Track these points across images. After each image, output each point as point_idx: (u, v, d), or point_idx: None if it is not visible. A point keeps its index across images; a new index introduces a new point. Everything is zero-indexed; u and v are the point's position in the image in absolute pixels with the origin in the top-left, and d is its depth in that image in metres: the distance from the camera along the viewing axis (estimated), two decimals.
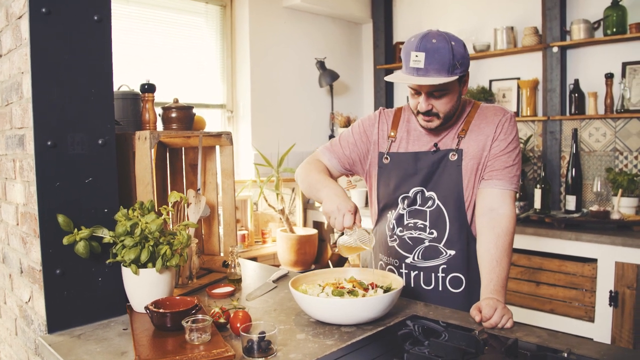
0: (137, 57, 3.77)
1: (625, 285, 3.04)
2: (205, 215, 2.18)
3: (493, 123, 1.81)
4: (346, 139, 1.99)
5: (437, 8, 4.67)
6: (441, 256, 1.85)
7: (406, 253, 1.90)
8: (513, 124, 1.82)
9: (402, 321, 1.62)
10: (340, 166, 1.99)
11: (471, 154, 1.80)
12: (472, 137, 1.82)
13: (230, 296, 1.91)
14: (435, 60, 1.65)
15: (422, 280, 1.89)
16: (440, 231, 1.84)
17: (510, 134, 1.80)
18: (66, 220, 1.58)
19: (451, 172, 1.81)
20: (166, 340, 1.46)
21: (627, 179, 3.44)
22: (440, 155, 1.83)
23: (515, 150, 1.81)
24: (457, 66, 1.67)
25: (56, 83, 1.59)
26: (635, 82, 3.62)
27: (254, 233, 4.21)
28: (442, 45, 1.66)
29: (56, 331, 1.60)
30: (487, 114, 1.84)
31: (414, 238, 1.88)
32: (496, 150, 1.79)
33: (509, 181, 1.78)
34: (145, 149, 1.86)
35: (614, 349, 1.41)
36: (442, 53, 1.65)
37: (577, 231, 3.25)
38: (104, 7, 1.69)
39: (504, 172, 1.78)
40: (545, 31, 3.91)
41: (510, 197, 1.79)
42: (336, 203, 1.68)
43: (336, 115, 4.86)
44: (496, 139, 1.79)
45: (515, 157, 1.80)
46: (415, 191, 1.86)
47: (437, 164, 1.83)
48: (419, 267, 1.89)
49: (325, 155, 2.00)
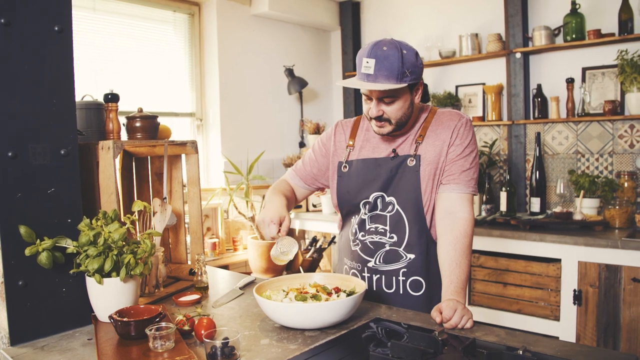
0: (105, 66, 3.74)
1: (588, 284, 3.12)
2: (171, 224, 2.19)
3: (449, 128, 1.85)
4: (308, 157, 2.11)
5: (404, 15, 4.75)
6: (401, 260, 1.88)
7: (368, 257, 1.93)
8: (469, 128, 1.86)
9: (365, 324, 1.65)
10: (304, 183, 2.11)
11: (428, 159, 1.84)
12: (429, 142, 1.86)
13: (196, 304, 1.92)
14: (384, 67, 1.69)
15: (384, 283, 1.92)
16: (400, 235, 1.88)
17: (466, 138, 1.85)
18: (28, 231, 1.57)
19: (409, 178, 1.85)
20: (130, 349, 1.47)
21: (588, 180, 3.53)
22: (399, 161, 1.87)
23: (471, 154, 1.85)
24: (407, 74, 1.71)
25: (16, 93, 1.58)
26: (594, 86, 3.72)
27: (225, 241, 4.21)
28: (392, 53, 1.70)
29: (19, 343, 1.59)
30: (442, 119, 1.88)
31: (375, 242, 1.91)
32: (453, 155, 1.83)
33: (466, 185, 1.83)
34: (108, 158, 1.86)
35: (568, 346, 1.45)
36: (391, 60, 1.69)
37: (541, 232, 3.33)
38: (65, 18, 1.69)
39: (461, 176, 1.83)
40: (508, 37, 4.00)
41: (468, 200, 1.83)
42: (264, 215, 1.81)
43: (306, 122, 4.90)
44: (452, 144, 1.84)
45: (472, 160, 1.85)
46: (375, 196, 1.90)
47: (395, 170, 1.87)
48: (381, 271, 1.92)
49: (290, 175, 2.15)
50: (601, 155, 3.70)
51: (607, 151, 3.67)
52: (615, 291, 3.03)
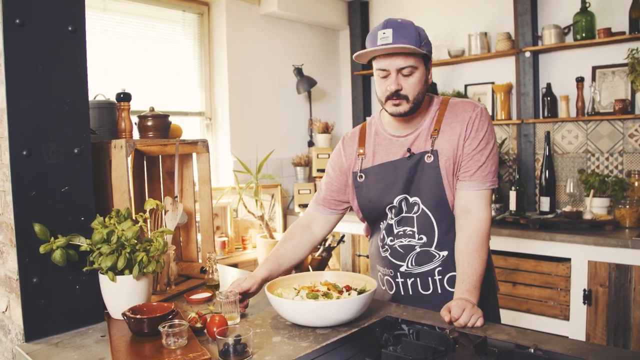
0: (115, 66, 3.77)
1: (598, 283, 3.11)
2: (182, 222, 2.20)
3: (463, 121, 1.80)
4: (324, 183, 2.04)
5: (412, 14, 4.74)
6: (434, 259, 1.84)
7: (399, 262, 1.89)
8: (484, 118, 1.81)
9: (376, 322, 1.65)
10: (328, 209, 2.03)
11: (446, 154, 1.80)
12: (445, 137, 1.81)
13: (207, 302, 1.93)
14: (401, 34, 1.69)
15: (420, 285, 1.88)
16: (429, 236, 1.84)
17: (481, 130, 1.80)
18: (42, 229, 1.59)
19: (430, 175, 1.81)
20: (143, 346, 1.48)
21: (598, 179, 3.52)
22: (416, 159, 1.82)
23: (487, 146, 1.80)
24: (424, 45, 1.73)
25: (31, 93, 1.60)
26: (604, 85, 3.71)
27: (234, 240, 4.22)
28: (407, 23, 1.72)
29: (33, 340, 1.61)
30: (457, 111, 1.83)
31: (405, 246, 1.87)
32: (468, 149, 1.79)
33: (482, 180, 1.79)
34: (121, 157, 1.88)
35: (579, 344, 1.45)
36: (408, 29, 1.70)
37: (551, 232, 3.32)
38: (78, 18, 1.71)
39: (477, 172, 1.79)
40: (517, 36, 3.99)
41: (484, 196, 1.80)
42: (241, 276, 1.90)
43: (314, 121, 4.90)
44: (467, 138, 1.79)
45: (488, 153, 1.80)
46: (399, 199, 1.85)
47: (414, 169, 1.82)
48: (414, 274, 1.88)
49: (311, 207, 2.08)
50: (611, 155, 3.68)
51: (617, 150, 3.65)
52: (626, 291, 3.02)
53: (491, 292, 1.99)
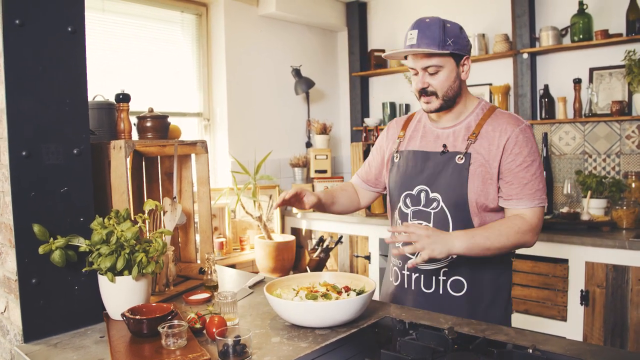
0: (113, 66, 3.77)
1: (595, 284, 3.12)
2: (181, 223, 2.21)
3: (505, 134, 1.79)
4: (368, 159, 2.19)
5: (411, 15, 4.75)
6: (443, 259, 1.82)
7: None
8: (528, 135, 1.79)
9: (375, 323, 1.66)
10: (366, 184, 2.18)
11: (480, 160, 1.79)
12: (483, 144, 1.80)
13: (206, 302, 1.94)
14: (425, 35, 1.76)
15: (423, 283, 1.88)
16: None
17: (525, 146, 1.77)
18: (42, 230, 1.59)
19: (457, 175, 1.80)
20: (143, 347, 1.48)
21: (595, 181, 3.53)
22: (448, 157, 1.83)
23: (533, 163, 1.78)
24: (450, 43, 1.76)
25: (30, 94, 1.61)
26: (602, 87, 3.72)
27: (232, 240, 4.22)
28: (433, 23, 1.77)
29: (32, 340, 1.61)
30: (501, 122, 1.82)
31: None
32: (512, 165, 1.77)
33: (530, 198, 1.77)
34: (120, 158, 1.88)
35: (577, 345, 1.46)
36: (432, 29, 1.76)
37: (548, 233, 3.33)
38: (78, 19, 1.71)
39: (524, 190, 1.77)
40: (515, 38, 4.00)
41: (535, 212, 1.78)
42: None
43: (312, 122, 4.91)
44: (510, 153, 1.77)
45: (534, 171, 1.78)
46: (419, 189, 1.87)
47: (442, 165, 1.84)
48: (420, 270, 1.88)
49: (353, 179, 2.25)
50: (608, 156, 3.70)
51: (615, 152, 3.67)
52: (623, 292, 3.03)
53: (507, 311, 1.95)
